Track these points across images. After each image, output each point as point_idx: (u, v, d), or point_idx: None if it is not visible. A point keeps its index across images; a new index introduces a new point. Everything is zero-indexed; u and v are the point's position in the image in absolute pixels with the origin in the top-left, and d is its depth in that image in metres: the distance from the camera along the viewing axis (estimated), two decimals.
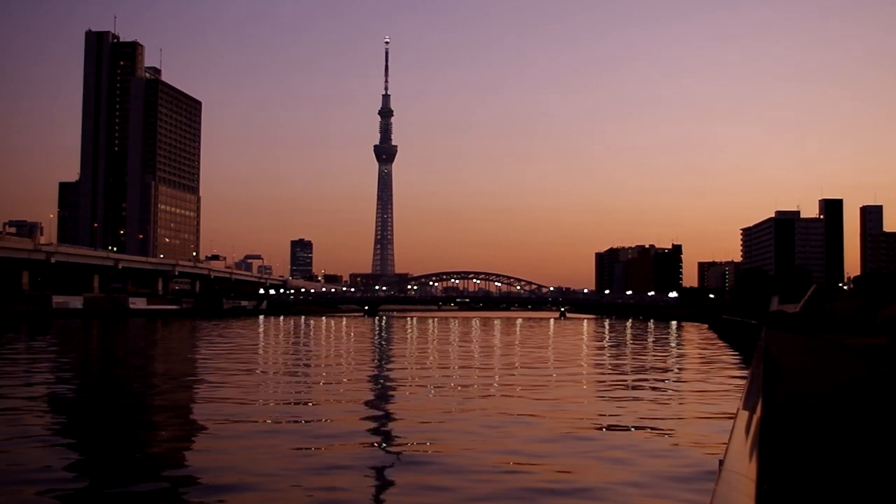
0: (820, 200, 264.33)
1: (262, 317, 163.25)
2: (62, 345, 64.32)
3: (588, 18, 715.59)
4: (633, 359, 51.96)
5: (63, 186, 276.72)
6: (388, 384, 35.08)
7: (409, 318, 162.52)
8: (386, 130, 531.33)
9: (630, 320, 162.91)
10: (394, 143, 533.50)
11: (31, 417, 23.25)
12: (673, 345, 72.30)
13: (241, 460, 17.24)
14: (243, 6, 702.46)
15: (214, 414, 24.27)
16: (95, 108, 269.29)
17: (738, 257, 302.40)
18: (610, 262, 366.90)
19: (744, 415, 7.48)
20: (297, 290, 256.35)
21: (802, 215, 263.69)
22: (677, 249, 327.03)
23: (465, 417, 24.09)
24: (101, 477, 16.18)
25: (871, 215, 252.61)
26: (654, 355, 55.81)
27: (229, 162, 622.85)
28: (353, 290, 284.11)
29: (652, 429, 22.06)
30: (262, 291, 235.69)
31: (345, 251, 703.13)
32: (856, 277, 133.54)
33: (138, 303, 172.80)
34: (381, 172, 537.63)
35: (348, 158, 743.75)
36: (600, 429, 22.17)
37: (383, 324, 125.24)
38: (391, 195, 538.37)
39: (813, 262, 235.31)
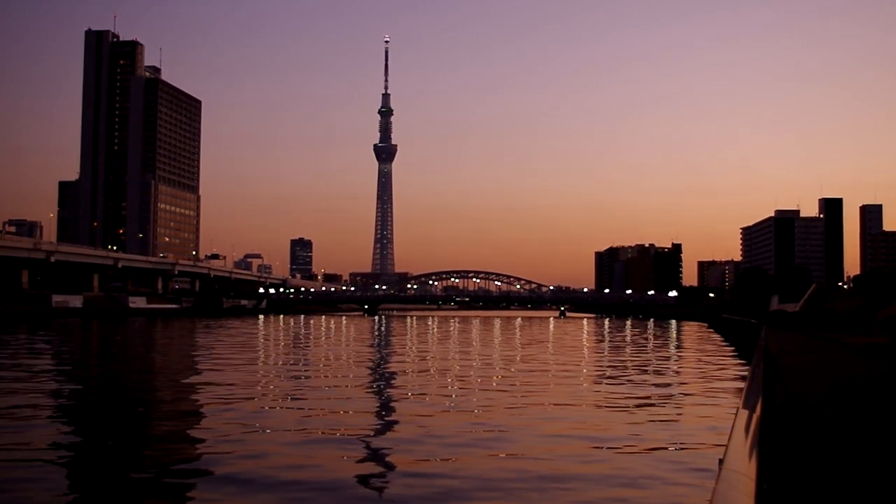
0: (820, 199, 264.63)
1: (261, 316, 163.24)
2: (62, 344, 64.31)
3: (588, 18, 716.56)
4: (633, 358, 51.90)
5: (63, 185, 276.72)
6: (388, 385, 35.07)
7: (408, 318, 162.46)
8: (386, 129, 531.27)
9: (630, 319, 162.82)
10: (393, 142, 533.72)
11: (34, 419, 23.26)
12: (673, 344, 72.28)
13: (240, 461, 17.25)
14: (243, 6, 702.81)
15: (213, 414, 24.28)
16: (95, 107, 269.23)
17: (737, 256, 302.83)
18: (610, 262, 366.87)
19: (744, 414, 7.48)
20: (297, 289, 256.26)
21: (802, 214, 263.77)
22: (677, 249, 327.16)
23: (466, 418, 24.08)
24: (100, 479, 16.19)
25: (871, 214, 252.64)
26: (654, 354, 55.79)
27: (229, 161, 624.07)
28: (352, 289, 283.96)
29: (650, 431, 22.05)
30: (261, 291, 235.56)
31: (344, 250, 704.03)
32: (856, 276, 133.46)
33: (138, 302, 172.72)
34: (380, 171, 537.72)
35: (348, 157, 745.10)
36: (599, 431, 22.15)
37: (383, 323, 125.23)
38: (391, 194, 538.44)
39: (813, 261, 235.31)
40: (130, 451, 18.52)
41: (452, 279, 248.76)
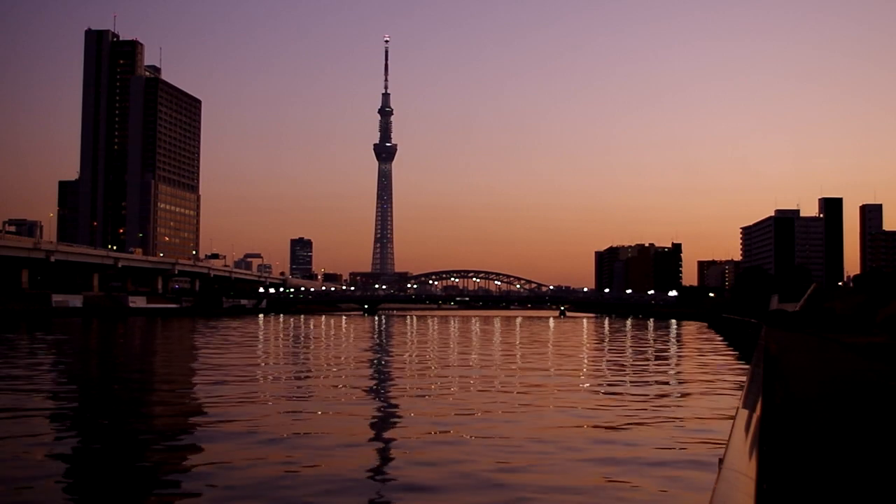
0: (819, 199, 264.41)
1: (261, 316, 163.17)
2: (61, 344, 64.33)
3: (588, 18, 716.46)
4: (633, 359, 51.89)
5: (63, 185, 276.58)
6: (389, 386, 35.07)
7: (408, 317, 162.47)
8: (386, 129, 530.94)
9: (630, 319, 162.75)
10: (393, 141, 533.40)
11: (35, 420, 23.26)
12: (673, 344, 72.24)
13: (239, 462, 17.25)
14: (243, 6, 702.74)
15: (212, 416, 24.29)
16: (95, 106, 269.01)
17: (737, 256, 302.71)
18: (610, 261, 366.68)
19: (743, 413, 7.47)
20: (297, 288, 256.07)
21: (802, 214, 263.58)
22: (677, 248, 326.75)
23: (466, 421, 24.08)
24: (99, 481, 16.20)
25: (871, 214, 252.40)
26: (653, 354, 55.80)
27: (229, 160, 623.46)
28: (352, 288, 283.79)
29: (650, 424, 22.04)
30: (261, 290, 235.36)
31: (344, 250, 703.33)
32: (856, 276, 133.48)
33: (138, 301, 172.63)
34: (380, 171, 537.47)
35: (348, 157, 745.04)
36: (600, 430, 22.14)
37: (383, 323, 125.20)
38: (391, 194, 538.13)
39: (813, 260, 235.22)
40: (124, 463, 18.52)
41: (452, 279, 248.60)
